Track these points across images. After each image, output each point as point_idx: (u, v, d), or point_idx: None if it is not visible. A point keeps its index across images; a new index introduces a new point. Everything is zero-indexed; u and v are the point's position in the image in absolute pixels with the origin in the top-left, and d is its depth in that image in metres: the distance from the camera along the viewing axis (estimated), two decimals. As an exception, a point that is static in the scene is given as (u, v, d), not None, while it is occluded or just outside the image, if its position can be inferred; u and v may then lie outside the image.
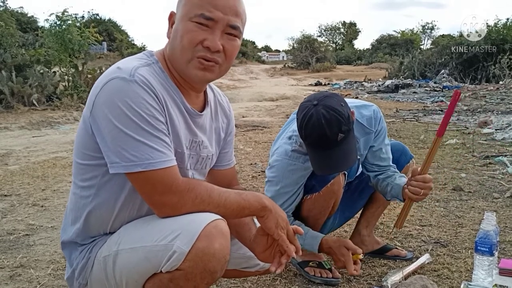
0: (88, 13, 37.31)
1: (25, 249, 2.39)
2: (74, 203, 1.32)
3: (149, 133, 1.14)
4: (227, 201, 1.21)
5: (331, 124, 1.68)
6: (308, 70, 34.85)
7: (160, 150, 1.15)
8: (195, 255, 1.11)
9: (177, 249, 1.12)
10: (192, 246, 1.11)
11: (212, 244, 1.13)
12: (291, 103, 12.20)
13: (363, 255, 1.87)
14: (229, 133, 1.53)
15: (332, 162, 1.75)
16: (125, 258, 1.22)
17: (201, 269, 1.13)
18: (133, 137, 1.13)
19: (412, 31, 59.83)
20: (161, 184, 1.15)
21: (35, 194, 3.45)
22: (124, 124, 1.12)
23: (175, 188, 1.16)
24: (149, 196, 1.18)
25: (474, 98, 11.71)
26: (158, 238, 1.16)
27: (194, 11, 1.18)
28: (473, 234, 2.48)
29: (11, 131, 7.31)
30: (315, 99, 1.75)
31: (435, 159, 4.49)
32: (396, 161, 2.15)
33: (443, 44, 22.74)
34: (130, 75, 1.15)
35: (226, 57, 1.24)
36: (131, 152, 1.13)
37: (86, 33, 11.66)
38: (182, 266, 1.12)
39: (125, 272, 1.23)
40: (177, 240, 1.13)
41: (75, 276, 1.33)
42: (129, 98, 1.13)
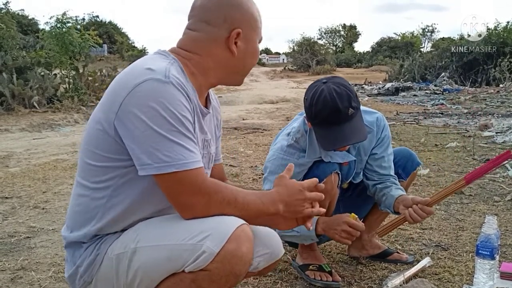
0: (88, 16, 37.44)
1: (26, 252, 2.39)
2: (84, 205, 1.29)
3: (183, 134, 1.16)
4: (249, 206, 1.23)
5: (342, 97, 1.71)
6: (308, 72, 34.85)
7: (192, 151, 1.17)
8: (224, 257, 1.13)
9: (207, 249, 1.13)
10: (222, 247, 1.13)
11: (240, 247, 1.15)
12: (291, 106, 12.21)
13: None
14: (220, 129, 1.58)
15: (343, 136, 1.75)
16: (144, 256, 1.21)
17: (227, 272, 1.14)
18: (167, 137, 1.14)
19: (413, 34, 59.87)
20: (191, 185, 1.16)
21: (36, 196, 3.46)
22: (159, 125, 1.13)
23: (204, 189, 1.17)
24: (177, 196, 1.18)
25: (474, 101, 11.73)
26: (185, 238, 1.16)
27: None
28: (474, 237, 2.48)
29: (11, 133, 7.32)
30: (323, 78, 1.79)
31: (436, 162, 4.50)
32: (403, 167, 2.15)
33: (443, 47, 22.77)
34: (165, 76, 1.17)
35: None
36: (164, 153, 1.14)
37: (86, 35, 11.69)
38: (208, 267, 1.13)
39: (142, 269, 1.21)
40: (207, 241, 1.14)
41: (79, 273, 1.30)
42: (165, 99, 1.14)
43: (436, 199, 1.87)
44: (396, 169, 2.13)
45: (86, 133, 1.30)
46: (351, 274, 2.11)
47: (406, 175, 2.16)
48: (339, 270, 2.15)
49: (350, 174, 2.04)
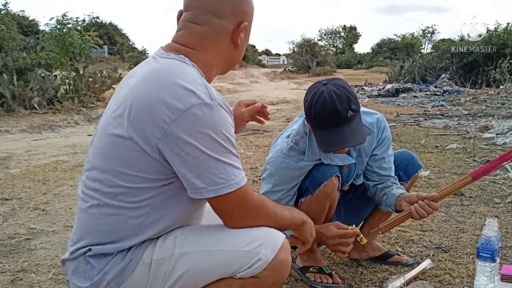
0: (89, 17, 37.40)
1: (26, 253, 2.39)
2: (116, 224, 1.23)
3: (232, 153, 1.20)
4: (283, 218, 1.35)
5: (342, 100, 1.70)
6: (308, 74, 34.84)
7: (239, 168, 1.22)
8: (275, 265, 1.20)
9: (263, 256, 1.19)
10: (275, 255, 1.21)
11: (288, 257, 1.25)
12: (291, 107, 12.20)
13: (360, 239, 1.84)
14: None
15: (341, 138, 1.74)
16: (192, 261, 1.22)
17: (276, 279, 1.23)
18: (220, 160, 1.16)
19: (413, 35, 59.91)
20: (241, 201, 1.22)
21: (36, 198, 3.45)
22: (212, 149, 1.15)
23: (252, 204, 1.25)
24: (229, 212, 1.24)
25: (474, 102, 11.72)
26: (240, 244, 1.22)
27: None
28: (474, 239, 2.48)
29: (12, 134, 7.32)
30: (323, 80, 1.79)
31: (436, 163, 4.49)
32: (404, 170, 2.14)
33: (443, 48, 22.77)
34: (212, 99, 1.17)
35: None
36: (219, 176, 1.16)
37: (86, 36, 11.69)
38: (260, 274, 1.20)
39: (188, 274, 1.21)
40: (262, 248, 1.20)
41: (107, 280, 1.22)
42: (217, 124, 1.16)
43: (443, 195, 1.85)
44: (397, 172, 2.12)
45: (105, 149, 1.24)
46: (352, 276, 2.10)
47: (407, 177, 2.16)
48: (339, 272, 2.14)
49: (351, 177, 2.04)
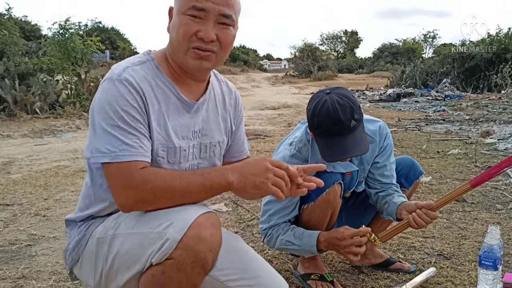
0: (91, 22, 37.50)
1: (27, 260, 2.38)
2: (85, 191, 1.40)
3: (121, 128, 1.20)
4: (190, 186, 1.21)
5: (345, 109, 1.70)
6: (309, 78, 34.91)
7: (129, 144, 1.20)
8: (186, 243, 1.13)
9: (170, 236, 1.14)
10: (184, 234, 1.13)
11: (202, 233, 1.15)
12: (293, 112, 12.21)
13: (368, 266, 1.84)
14: (237, 123, 1.55)
15: (344, 148, 1.74)
16: (120, 243, 1.25)
17: (192, 258, 1.14)
18: (106, 130, 1.20)
19: (414, 39, 59.94)
20: (119, 177, 1.20)
21: (37, 203, 3.45)
22: (103, 119, 1.21)
23: (131, 182, 1.19)
24: (112, 191, 1.23)
25: (476, 107, 11.72)
26: (153, 226, 1.19)
27: (187, 4, 1.24)
28: (476, 246, 2.47)
29: (13, 139, 7.33)
30: (327, 89, 1.79)
31: (438, 169, 4.49)
32: (405, 177, 2.14)
33: (445, 53, 22.79)
34: (118, 75, 1.25)
35: (221, 46, 1.29)
36: (103, 145, 1.20)
37: (88, 41, 11.73)
38: (173, 254, 1.13)
39: (118, 256, 1.25)
40: (170, 228, 1.15)
41: (69, 250, 1.39)
42: (111, 96, 1.22)
43: (441, 204, 1.81)
44: (398, 179, 2.12)
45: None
46: (353, 283, 2.10)
47: (409, 184, 2.16)
48: (341, 279, 2.13)
49: (353, 184, 2.03)
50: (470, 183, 1.75)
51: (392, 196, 2.00)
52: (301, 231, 1.93)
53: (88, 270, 1.34)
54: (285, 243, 1.95)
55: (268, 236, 2.00)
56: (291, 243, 1.93)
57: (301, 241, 1.90)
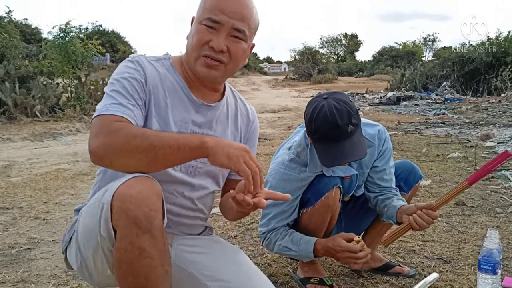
0: (92, 25, 37.60)
1: (27, 263, 2.38)
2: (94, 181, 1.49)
3: (120, 93, 1.27)
4: (163, 136, 1.19)
5: (342, 114, 1.70)
6: (309, 81, 34.96)
7: (121, 103, 1.25)
8: (116, 205, 1.11)
9: (104, 200, 1.15)
10: (113, 194, 1.13)
11: (129, 191, 1.12)
12: (293, 115, 12.22)
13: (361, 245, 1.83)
14: (247, 140, 1.61)
15: (342, 153, 1.74)
16: (81, 218, 1.28)
17: (124, 219, 1.10)
18: (107, 94, 1.29)
19: (414, 43, 60.03)
20: (98, 125, 1.22)
21: (37, 207, 3.45)
22: (107, 88, 1.31)
23: (107, 129, 1.19)
24: (89, 140, 1.22)
25: (476, 110, 11.72)
26: (97, 196, 1.23)
27: (205, 15, 1.33)
28: (476, 250, 2.47)
29: (13, 142, 7.33)
30: (324, 94, 1.80)
31: (438, 172, 4.49)
32: (405, 181, 2.14)
33: (444, 56, 22.82)
34: (132, 57, 1.37)
35: (231, 58, 1.35)
36: (101, 105, 1.26)
37: (89, 45, 11.75)
38: (114, 222, 1.12)
39: (80, 231, 1.27)
40: (106, 193, 1.16)
41: (66, 232, 1.45)
42: (119, 70, 1.34)
43: (440, 203, 1.82)
44: (397, 182, 2.12)
45: None
46: (353, 287, 2.09)
47: (408, 188, 2.16)
48: (341, 283, 2.13)
49: (352, 188, 2.03)
50: (468, 180, 1.77)
51: (392, 199, 2.00)
52: (298, 237, 1.93)
53: (73, 253, 1.35)
54: (282, 249, 1.95)
55: (267, 240, 2.00)
56: (288, 248, 1.93)
57: (299, 247, 1.91)
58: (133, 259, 1.11)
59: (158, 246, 1.13)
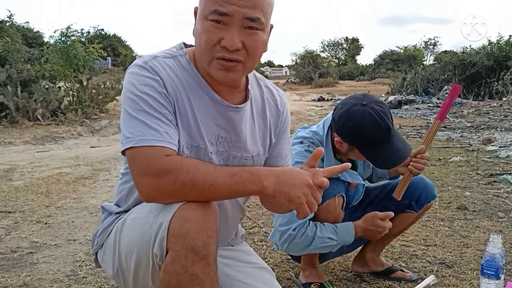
0: (93, 29, 37.79)
1: (29, 268, 2.38)
2: (118, 189, 1.40)
3: (147, 113, 1.13)
4: (213, 186, 1.09)
5: (387, 116, 1.79)
6: (311, 85, 35.02)
7: (155, 129, 1.12)
8: (173, 228, 1.07)
9: (162, 219, 1.09)
10: (173, 215, 1.08)
11: (189, 213, 1.07)
12: (294, 119, 12.21)
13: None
14: (278, 134, 1.43)
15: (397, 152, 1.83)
16: (126, 227, 1.24)
17: (181, 243, 1.06)
18: (131, 115, 1.14)
19: (415, 47, 60.09)
20: (141, 164, 1.11)
21: (39, 211, 3.45)
22: (127, 103, 1.16)
23: (154, 169, 1.09)
24: (133, 177, 1.14)
25: (477, 114, 11.72)
26: (150, 210, 1.16)
27: (209, 7, 1.13)
28: (478, 254, 2.46)
29: (15, 146, 7.35)
30: (358, 100, 1.81)
31: (439, 176, 4.48)
32: (417, 199, 2.08)
33: (446, 60, 22.84)
34: (144, 62, 1.19)
35: (248, 54, 1.16)
36: (129, 130, 1.13)
37: (90, 49, 11.80)
38: (168, 244, 1.08)
39: (125, 241, 1.23)
40: (164, 211, 1.11)
41: (97, 234, 1.38)
42: (135, 80, 1.17)
43: (426, 145, 2.03)
44: (409, 200, 2.07)
45: None
46: (355, 292, 2.09)
47: (419, 207, 2.10)
48: (343, 287, 2.13)
49: (358, 197, 2.02)
50: (437, 117, 2.03)
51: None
52: (331, 226, 1.91)
53: (108, 258, 1.31)
54: (321, 241, 1.88)
55: (290, 237, 1.88)
56: (330, 239, 1.88)
57: (337, 235, 1.90)
58: (184, 284, 1.08)
59: (210, 274, 1.10)
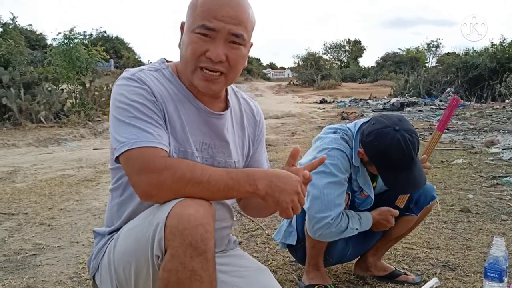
0: (96, 31, 37.91)
1: (32, 270, 2.39)
2: (108, 206, 1.41)
3: (139, 118, 1.19)
4: (211, 178, 1.14)
5: (414, 147, 1.81)
6: (313, 87, 34.99)
7: (148, 131, 1.18)
8: (170, 224, 1.08)
9: (158, 219, 1.11)
10: (168, 213, 1.09)
11: (185, 210, 1.09)
12: (296, 121, 12.22)
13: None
14: (256, 142, 1.50)
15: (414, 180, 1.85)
16: (120, 241, 1.25)
17: (179, 239, 1.07)
18: (124, 121, 1.19)
19: (417, 49, 60.03)
20: (139, 162, 1.15)
21: (42, 213, 3.46)
22: (118, 112, 1.21)
23: (152, 165, 1.14)
24: (130, 177, 1.17)
25: (480, 116, 11.69)
26: (145, 216, 1.18)
27: (197, 22, 1.21)
28: (481, 257, 2.46)
29: (18, 148, 7.37)
30: (393, 123, 1.83)
31: (442, 179, 4.48)
32: (415, 201, 2.10)
33: (448, 62, 22.82)
34: (132, 74, 1.26)
35: (230, 66, 1.25)
36: (122, 135, 1.18)
37: (93, 51, 11.84)
38: (166, 241, 1.08)
39: (120, 255, 1.23)
40: (158, 213, 1.13)
41: (92, 258, 1.39)
42: (125, 90, 1.23)
43: (428, 154, 2.07)
44: (407, 203, 2.07)
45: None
46: (358, 294, 2.09)
47: (418, 209, 2.11)
48: (346, 290, 2.13)
49: (365, 205, 2.02)
50: (437, 129, 2.07)
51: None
52: (356, 216, 1.95)
53: (106, 278, 1.31)
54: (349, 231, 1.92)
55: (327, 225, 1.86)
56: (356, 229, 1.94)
57: (360, 225, 1.95)
58: (183, 281, 1.08)
59: (209, 270, 1.10)
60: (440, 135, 2.08)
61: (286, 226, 2.16)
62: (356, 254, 2.22)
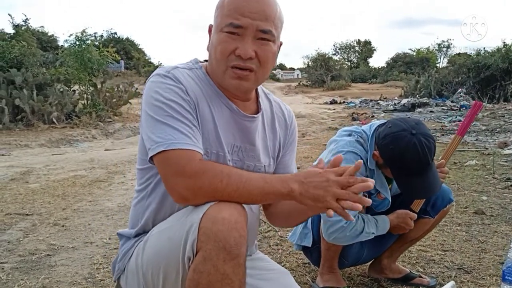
0: (107, 32, 38.18)
1: (47, 270, 2.40)
2: (133, 207, 1.40)
3: (175, 118, 1.18)
4: (247, 183, 1.14)
5: (431, 152, 1.79)
6: (323, 88, 34.95)
7: (184, 133, 1.17)
8: (205, 226, 1.07)
9: (192, 220, 1.10)
10: (203, 215, 1.09)
11: (220, 213, 1.08)
12: (306, 122, 12.19)
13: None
14: (286, 146, 1.49)
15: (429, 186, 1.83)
16: (151, 242, 1.24)
17: (212, 242, 1.06)
18: (159, 120, 1.18)
19: (428, 49, 59.64)
20: (176, 165, 1.14)
21: (56, 213, 3.49)
22: (153, 110, 1.20)
23: (189, 169, 1.13)
24: (166, 179, 1.17)
25: (492, 117, 11.58)
26: (177, 218, 1.18)
27: (224, 21, 1.22)
28: (497, 260, 2.43)
29: (31, 148, 7.44)
30: (409, 126, 1.80)
31: (455, 180, 4.44)
32: (432, 204, 2.08)
33: (460, 62, 22.64)
34: (167, 71, 1.25)
35: (260, 63, 1.24)
36: (158, 135, 1.17)
37: (104, 52, 11.93)
38: (198, 244, 1.08)
39: (150, 257, 1.22)
40: (192, 214, 1.13)
41: (117, 260, 1.39)
42: (160, 88, 1.21)
43: (446, 158, 2.03)
44: (424, 205, 2.06)
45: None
46: (372, 297, 2.08)
47: (435, 212, 2.09)
48: (360, 293, 2.12)
49: (381, 208, 2.01)
50: (458, 133, 2.05)
51: None
52: (372, 220, 1.94)
53: (133, 281, 1.31)
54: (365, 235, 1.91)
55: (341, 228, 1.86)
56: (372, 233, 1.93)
57: (377, 229, 1.94)
58: (213, 284, 1.08)
59: (240, 274, 1.10)
60: (460, 140, 2.04)
61: (301, 228, 2.15)
62: (371, 256, 2.21)
